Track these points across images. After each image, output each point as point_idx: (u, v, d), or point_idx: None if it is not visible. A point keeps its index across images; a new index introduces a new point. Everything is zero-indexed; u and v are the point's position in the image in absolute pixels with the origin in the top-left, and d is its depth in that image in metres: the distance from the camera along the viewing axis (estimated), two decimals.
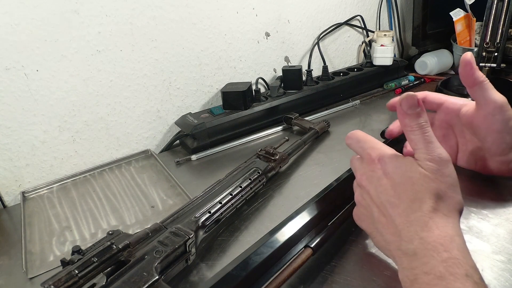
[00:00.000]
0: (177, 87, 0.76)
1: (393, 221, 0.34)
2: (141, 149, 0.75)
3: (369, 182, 0.38)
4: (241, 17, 0.80)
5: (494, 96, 0.44)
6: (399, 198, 0.34)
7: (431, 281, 0.29)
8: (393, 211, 0.34)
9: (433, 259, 0.30)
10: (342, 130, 0.74)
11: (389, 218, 0.35)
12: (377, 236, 0.37)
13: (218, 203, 0.46)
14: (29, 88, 0.61)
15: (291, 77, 0.82)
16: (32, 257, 0.49)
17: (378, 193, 0.36)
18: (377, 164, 0.37)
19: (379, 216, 0.36)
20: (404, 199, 0.34)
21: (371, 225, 0.38)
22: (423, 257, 0.31)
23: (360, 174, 0.39)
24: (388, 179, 0.36)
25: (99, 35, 0.64)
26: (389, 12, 1.06)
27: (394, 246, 0.34)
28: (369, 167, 0.38)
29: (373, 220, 0.37)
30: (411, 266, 0.31)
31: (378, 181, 0.36)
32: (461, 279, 0.28)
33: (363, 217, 0.40)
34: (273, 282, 0.35)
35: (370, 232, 0.39)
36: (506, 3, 0.72)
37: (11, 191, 0.64)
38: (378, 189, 0.36)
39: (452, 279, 0.28)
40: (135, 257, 0.37)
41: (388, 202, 0.35)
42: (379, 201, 0.36)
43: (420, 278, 0.30)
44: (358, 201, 0.40)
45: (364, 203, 0.39)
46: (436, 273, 0.29)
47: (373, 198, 0.37)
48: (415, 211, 0.33)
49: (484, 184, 0.49)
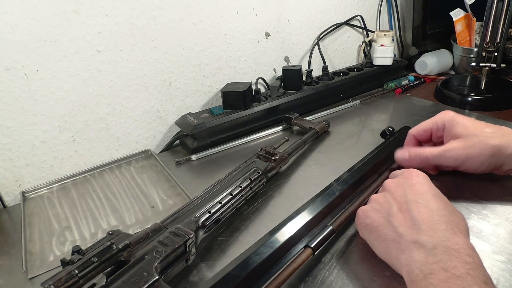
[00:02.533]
0: (177, 87, 0.76)
1: (413, 217, 0.36)
2: (141, 149, 0.75)
3: (398, 186, 0.40)
4: (241, 17, 0.80)
5: (448, 153, 0.48)
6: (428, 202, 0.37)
7: (448, 279, 0.29)
8: (416, 209, 0.36)
9: (455, 259, 0.31)
10: (342, 130, 0.74)
11: (409, 214, 0.36)
12: (385, 229, 0.37)
13: (218, 203, 0.46)
14: (29, 88, 0.61)
15: (291, 77, 0.82)
16: (32, 257, 0.49)
17: (406, 194, 0.38)
18: (414, 177, 0.40)
19: (397, 212, 0.37)
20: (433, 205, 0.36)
21: (382, 219, 0.38)
22: (443, 254, 0.31)
23: (390, 181, 0.42)
24: (422, 187, 0.38)
25: (99, 35, 0.64)
26: (389, 12, 1.06)
27: (408, 238, 0.34)
28: (403, 176, 0.41)
29: (388, 214, 0.38)
30: (427, 260, 0.32)
31: (409, 186, 0.39)
32: (481, 284, 0.29)
33: (373, 212, 0.40)
34: (273, 282, 0.35)
35: (376, 225, 0.38)
36: (506, 3, 0.72)
37: (11, 191, 0.64)
38: (407, 191, 0.39)
39: (471, 281, 0.29)
40: (135, 257, 0.37)
41: (414, 201, 0.37)
42: (403, 200, 0.38)
43: (437, 274, 0.30)
44: (374, 199, 0.42)
45: (381, 200, 0.40)
46: (456, 273, 0.30)
47: (398, 197, 0.39)
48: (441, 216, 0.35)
49: (484, 184, 0.49)
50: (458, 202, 0.47)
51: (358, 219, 0.41)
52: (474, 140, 0.46)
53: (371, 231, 0.39)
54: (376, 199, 0.41)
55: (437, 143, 0.53)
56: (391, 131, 0.63)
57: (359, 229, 0.42)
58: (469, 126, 0.47)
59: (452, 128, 0.48)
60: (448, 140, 0.49)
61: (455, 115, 0.49)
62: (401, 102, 0.85)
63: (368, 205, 0.42)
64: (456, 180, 0.50)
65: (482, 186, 0.49)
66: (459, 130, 0.47)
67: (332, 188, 0.48)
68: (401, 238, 0.35)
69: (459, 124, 0.48)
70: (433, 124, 0.51)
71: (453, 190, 0.49)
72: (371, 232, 0.39)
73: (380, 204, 0.40)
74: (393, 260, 0.36)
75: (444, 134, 0.50)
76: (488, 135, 0.46)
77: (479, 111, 0.76)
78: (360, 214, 0.41)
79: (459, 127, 0.48)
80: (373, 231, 0.39)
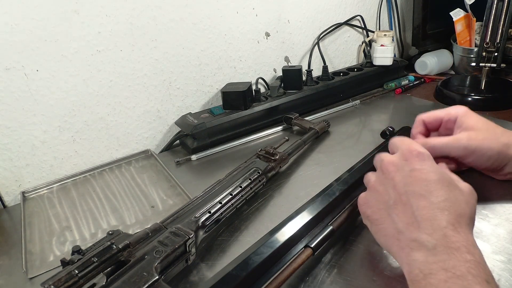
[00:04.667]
0: (177, 87, 0.76)
1: (413, 212, 0.34)
2: (141, 149, 0.75)
3: (397, 170, 0.38)
4: (241, 17, 0.80)
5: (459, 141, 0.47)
6: (430, 193, 0.34)
7: (449, 278, 0.29)
8: (416, 202, 0.34)
9: (455, 258, 0.30)
10: (342, 130, 0.74)
11: (409, 208, 0.35)
12: (385, 223, 0.36)
13: (218, 203, 0.46)
14: (29, 88, 0.61)
15: (291, 77, 0.82)
16: (32, 257, 0.49)
17: (406, 183, 0.36)
18: (415, 158, 0.37)
19: (396, 204, 0.36)
20: (434, 195, 0.34)
21: (382, 211, 0.37)
22: (443, 253, 0.31)
23: (388, 162, 0.39)
24: (423, 174, 0.36)
25: (99, 35, 0.64)
26: (389, 12, 1.06)
27: (408, 236, 0.33)
28: (403, 158, 0.38)
29: (387, 206, 0.37)
30: (427, 260, 0.31)
31: (410, 172, 0.36)
32: (482, 282, 0.28)
33: (373, 202, 0.39)
34: (273, 282, 0.35)
35: (376, 218, 0.38)
36: (506, 3, 0.72)
37: (11, 191, 0.64)
38: (407, 179, 0.36)
39: (472, 280, 0.29)
40: (135, 257, 0.37)
41: (414, 192, 0.35)
42: (403, 190, 0.36)
43: (437, 274, 0.30)
44: (373, 186, 0.40)
45: (380, 189, 0.38)
46: (456, 272, 0.29)
47: (397, 185, 0.37)
48: (442, 210, 0.33)
49: (484, 184, 0.49)
50: None
51: (360, 207, 0.41)
52: (486, 134, 0.46)
53: (372, 223, 0.38)
54: (374, 187, 0.40)
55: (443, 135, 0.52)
56: (391, 131, 0.63)
57: (362, 216, 0.41)
58: (482, 121, 0.48)
59: (465, 120, 0.48)
60: (459, 131, 0.48)
61: (469, 110, 0.50)
62: (401, 102, 0.85)
63: (367, 193, 0.41)
64: None
65: (482, 186, 0.49)
66: (473, 123, 0.47)
67: (332, 188, 0.48)
68: (400, 235, 0.34)
69: (473, 117, 0.48)
70: (446, 114, 0.51)
71: None
72: (372, 224, 0.39)
73: (379, 193, 0.38)
74: (395, 255, 0.35)
75: (456, 126, 0.49)
76: (499, 133, 0.47)
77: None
78: (361, 203, 0.41)
79: (473, 120, 0.48)
80: (373, 224, 0.38)
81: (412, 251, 0.33)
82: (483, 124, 0.47)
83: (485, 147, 0.46)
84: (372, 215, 0.38)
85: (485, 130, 0.47)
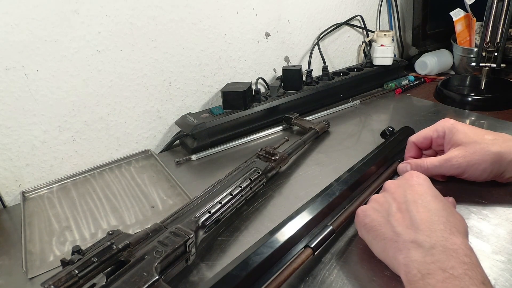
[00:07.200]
0: (177, 87, 0.76)
1: (411, 217, 0.36)
2: (141, 149, 0.75)
3: (398, 186, 0.41)
4: (241, 17, 0.80)
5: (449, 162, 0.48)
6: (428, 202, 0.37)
7: (446, 279, 0.30)
8: (415, 209, 0.36)
9: (453, 259, 0.31)
10: (342, 130, 0.74)
11: (407, 214, 0.37)
12: (384, 228, 0.37)
13: (218, 203, 0.46)
14: (29, 88, 0.61)
15: (291, 77, 0.82)
16: (32, 257, 0.49)
17: (405, 194, 0.39)
18: (414, 177, 0.40)
19: (396, 212, 0.38)
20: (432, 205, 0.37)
21: (381, 218, 0.39)
22: (441, 254, 0.31)
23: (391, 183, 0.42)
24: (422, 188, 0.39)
25: (99, 35, 0.64)
26: (389, 12, 1.06)
27: (406, 238, 0.34)
28: (404, 178, 0.42)
29: (387, 214, 0.38)
30: (424, 260, 0.32)
31: (409, 187, 0.39)
32: (479, 285, 0.29)
33: (372, 211, 0.40)
34: (273, 282, 0.35)
35: (375, 224, 0.38)
36: (506, 3, 0.72)
37: (11, 191, 0.64)
38: (407, 191, 0.39)
39: (469, 281, 0.29)
40: (135, 257, 0.37)
41: (413, 201, 0.37)
42: (402, 200, 0.38)
43: (435, 274, 0.30)
44: (374, 199, 0.42)
45: (381, 200, 0.41)
46: (454, 273, 0.30)
47: (397, 197, 0.39)
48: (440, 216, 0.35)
49: (484, 184, 0.49)
50: (458, 202, 0.46)
51: (357, 218, 0.42)
52: (475, 147, 0.46)
53: (370, 230, 0.39)
54: (376, 199, 0.42)
55: (438, 151, 0.53)
56: (391, 131, 0.63)
57: (358, 228, 0.42)
58: (470, 134, 0.47)
59: (452, 136, 0.48)
60: (449, 148, 0.49)
61: (456, 123, 0.49)
62: (401, 102, 0.85)
63: (367, 205, 0.42)
64: (456, 181, 0.50)
65: (482, 186, 0.49)
66: (460, 138, 0.47)
67: (332, 188, 0.48)
68: (399, 238, 0.35)
69: (460, 131, 0.48)
70: (433, 131, 0.51)
71: (453, 190, 0.49)
72: (369, 231, 0.39)
73: (380, 204, 0.40)
74: (391, 259, 0.36)
75: (445, 142, 0.50)
76: (489, 142, 0.46)
77: (479, 111, 0.76)
78: (360, 214, 0.41)
79: (459, 134, 0.48)
80: (371, 230, 0.39)
81: (410, 251, 0.33)
82: (471, 136, 0.47)
83: (477, 162, 0.46)
84: (371, 222, 0.39)
85: (474, 143, 0.46)
